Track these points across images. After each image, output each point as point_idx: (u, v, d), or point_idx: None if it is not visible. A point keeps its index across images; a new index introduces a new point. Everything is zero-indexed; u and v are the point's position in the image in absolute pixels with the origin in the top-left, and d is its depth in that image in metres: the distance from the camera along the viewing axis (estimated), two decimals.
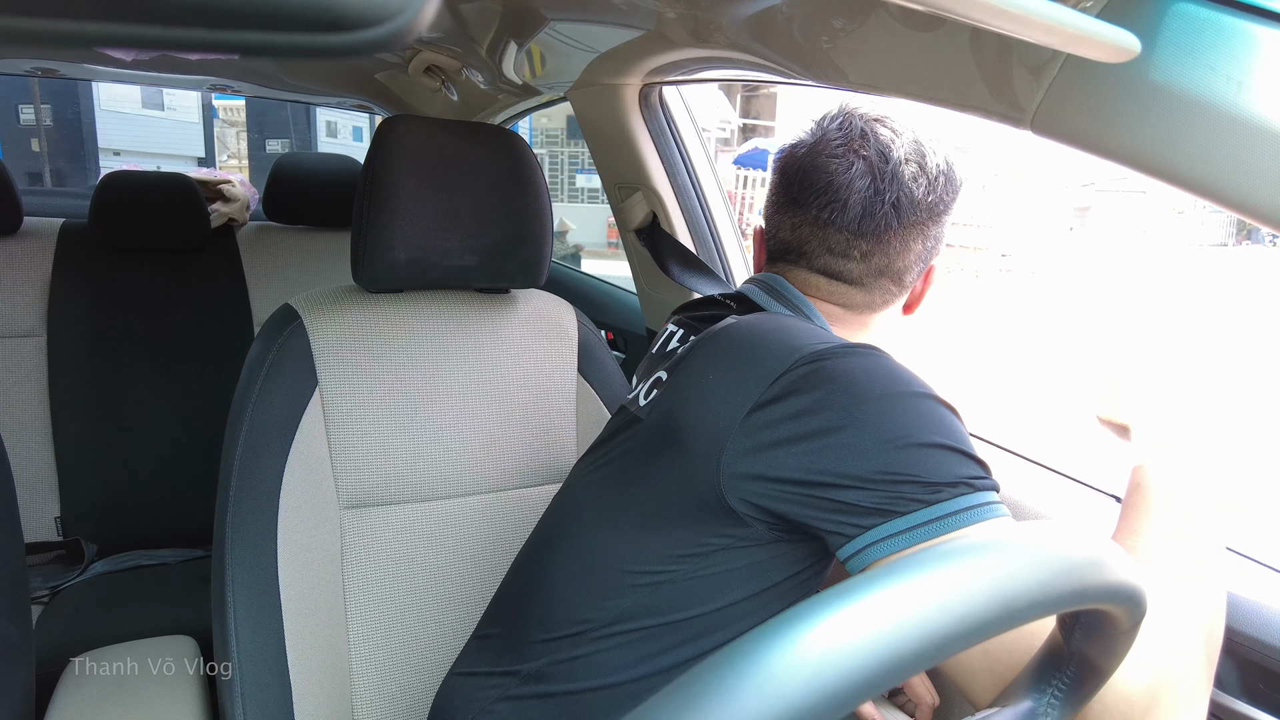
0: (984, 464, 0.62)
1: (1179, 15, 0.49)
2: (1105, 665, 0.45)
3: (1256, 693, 0.70)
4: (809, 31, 0.80)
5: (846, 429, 0.63)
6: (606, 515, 0.77)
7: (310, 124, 12.03)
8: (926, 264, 0.84)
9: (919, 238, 0.80)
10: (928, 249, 0.82)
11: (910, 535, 0.59)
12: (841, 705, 0.29)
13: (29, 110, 8.93)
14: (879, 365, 0.67)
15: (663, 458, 0.72)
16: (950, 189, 0.80)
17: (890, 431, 0.62)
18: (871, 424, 0.62)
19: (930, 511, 0.59)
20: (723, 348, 0.74)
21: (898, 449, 0.61)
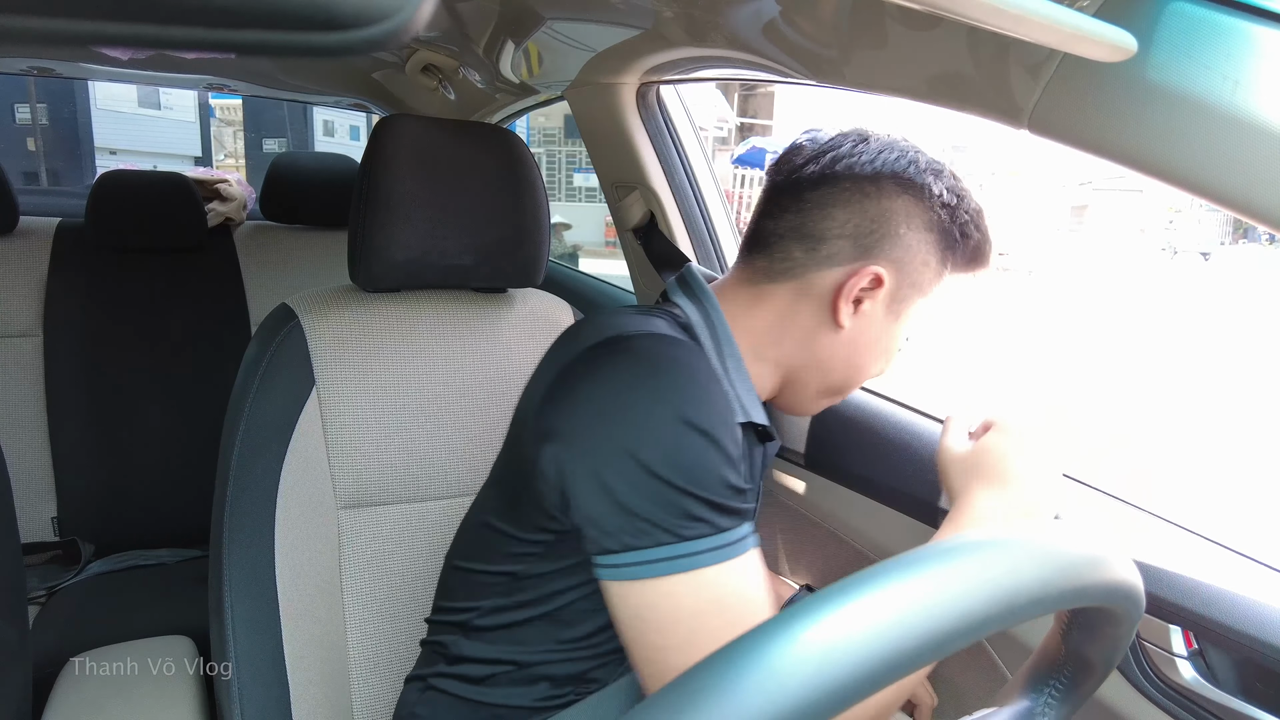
0: (715, 504, 0.62)
1: (1176, 14, 0.49)
2: (1102, 665, 0.45)
3: (1255, 692, 0.70)
4: (806, 30, 0.80)
5: (577, 441, 0.66)
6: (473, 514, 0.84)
7: (307, 123, 12.03)
8: (855, 256, 0.74)
9: (844, 206, 0.74)
10: (858, 230, 0.74)
11: (646, 569, 0.62)
12: (844, 701, 0.29)
13: (25, 109, 8.92)
14: (641, 367, 0.66)
15: (509, 456, 0.78)
16: (901, 177, 0.74)
17: (622, 453, 0.62)
18: (610, 440, 0.64)
19: (669, 550, 0.61)
20: (557, 341, 0.78)
21: (628, 476, 0.62)
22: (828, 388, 0.81)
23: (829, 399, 0.84)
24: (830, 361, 0.79)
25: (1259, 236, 24.13)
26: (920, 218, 0.74)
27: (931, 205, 0.75)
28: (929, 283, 0.77)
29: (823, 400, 0.84)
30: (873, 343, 0.78)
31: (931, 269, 0.76)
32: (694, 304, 0.79)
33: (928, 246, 0.75)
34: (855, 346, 0.78)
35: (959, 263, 0.78)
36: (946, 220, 0.75)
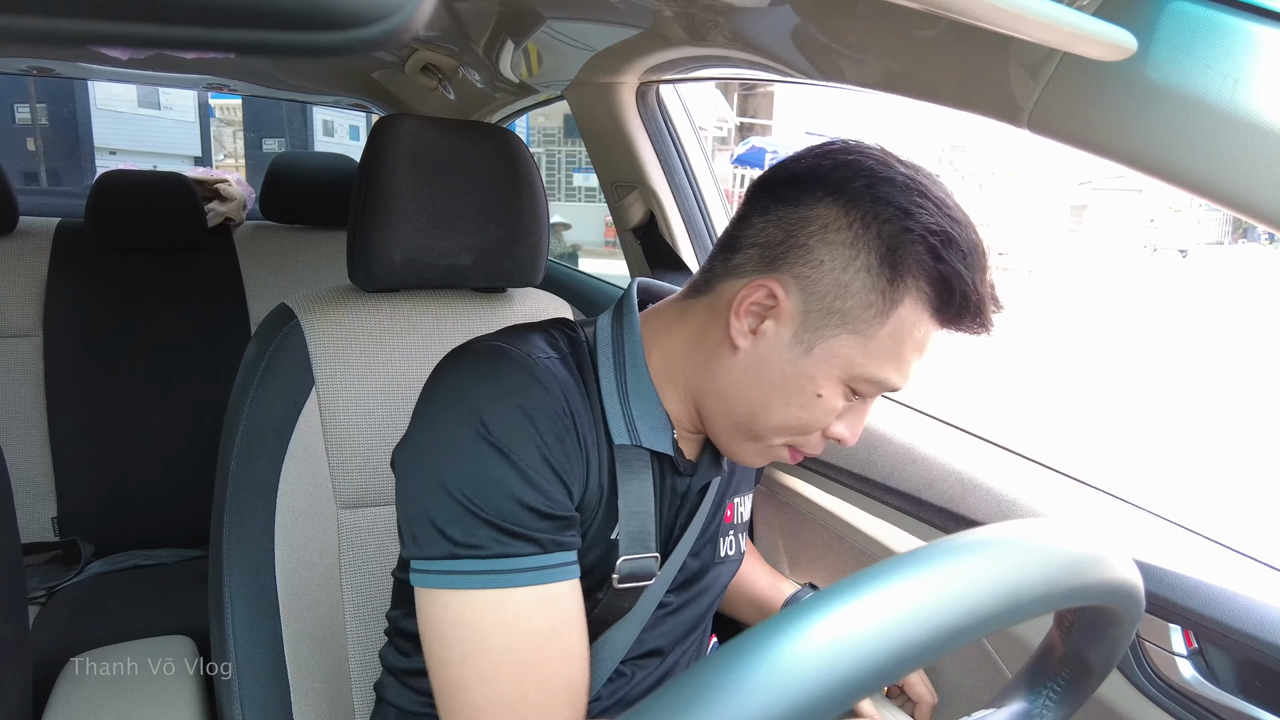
0: (498, 525, 0.61)
1: (1175, 13, 0.49)
2: (1102, 665, 0.45)
3: (1255, 691, 0.70)
4: (806, 29, 0.80)
5: (402, 444, 0.68)
6: None
7: (307, 123, 12.03)
8: (760, 268, 0.67)
9: (763, 212, 0.68)
10: (769, 239, 0.67)
11: (432, 578, 0.62)
12: (850, 697, 0.29)
13: (24, 109, 8.92)
14: (460, 376, 0.67)
15: None
16: (836, 185, 0.65)
17: (420, 459, 0.65)
18: (421, 445, 0.66)
19: (449, 564, 0.61)
20: None
21: (421, 480, 0.64)
22: (734, 424, 0.71)
23: (746, 441, 0.71)
24: (729, 390, 0.69)
25: (1258, 236, 24.13)
26: (842, 231, 0.64)
27: (865, 219, 0.63)
28: (864, 317, 0.64)
29: (739, 440, 0.72)
30: (776, 375, 0.67)
31: (862, 299, 0.63)
32: (614, 320, 0.75)
33: (853, 268, 0.63)
34: (754, 376, 0.68)
35: (925, 306, 0.64)
36: (890, 242, 0.63)
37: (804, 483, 1.14)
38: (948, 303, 0.63)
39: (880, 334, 0.64)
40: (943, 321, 0.65)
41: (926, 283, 0.63)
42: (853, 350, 0.65)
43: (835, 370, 0.65)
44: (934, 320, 0.65)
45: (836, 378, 0.66)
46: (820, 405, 0.66)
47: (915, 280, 0.63)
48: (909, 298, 0.63)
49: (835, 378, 0.66)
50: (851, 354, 0.65)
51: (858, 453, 1.06)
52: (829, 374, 0.66)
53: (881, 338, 0.64)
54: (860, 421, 0.70)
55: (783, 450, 0.71)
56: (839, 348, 0.65)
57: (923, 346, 0.66)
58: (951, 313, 0.64)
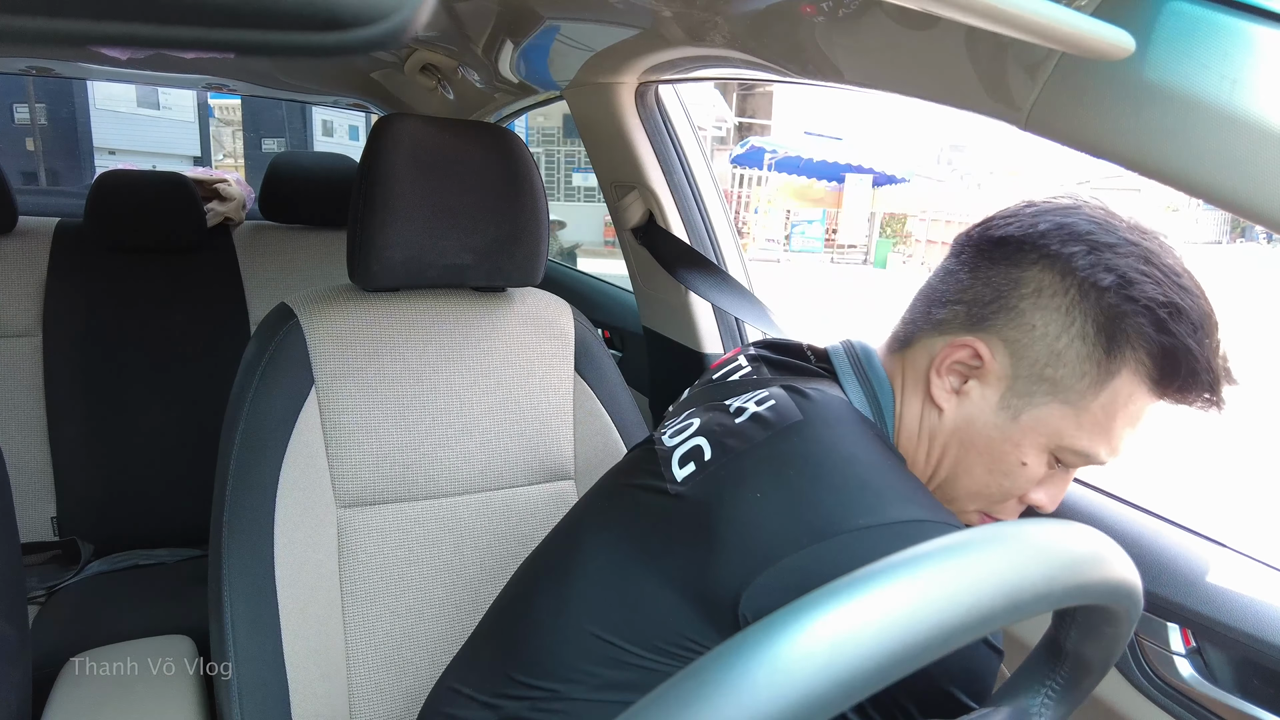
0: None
1: (1173, 13, 0.49)
2: (1100, 664, 0.45)
3: (1253, 690, 0.70)
4: (805, 30, 0.80)
5: None
6: (608, 576, 0.69)
7: (306, 123, 12.02)
8: (966, 327, 0.65)
9: (973, 270, 0.66)
10: (977, 297, 0.65)
11: None
12: (849, 696, 0.29)
13: (23, 109, 8.91)
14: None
15: (687, 548, 0.63)
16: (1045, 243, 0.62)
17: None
18: None
19: None
20: (778, 463, 0.63)
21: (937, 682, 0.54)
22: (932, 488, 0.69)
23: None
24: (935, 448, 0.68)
25: (1256, 235, 24.14)
26: (1058, 297, 0.62)
27: (1084, 286, 0.61)
28: (1077, 388, 0.61)
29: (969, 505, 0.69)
30: (982, 440, 0.65)
31: (1076, 369, 0.61)
32: (868, 398, 0.70)
33: (1067, 336, 0.61)
34: (957, 439, 0.66)
35: (1144, 380, 0.61)
36: (1111, 312, 0.60)
37: None
38: (1171, 377, 0.61)
39: (1093, 406, 0.62)
40: (1163, 394, 0.62)
41: (1148, 355, 0.60)
42: (1063, 421, 0.62)
43: (1042, 439, 0.63)
44: (1152, 393, 0.62)
45: (1043, 446, 0.64)
46: (1024, 474, 0.65)
47: (1135, 352, 0.60)
48: (1126, 369, 0.61)
49: (1041, 446, 0.64)
50: (1062, 425, 0.62)
51: None
52: (1035, 442, 0.64)
53: (1094, 409, 0.62)
54: (1062, 491, 0.67)
55: (974, 517, 0.69)
56: (1048, 417, 0.63)
57: (1137, 419, 0.63)
58: (1175, 387, 0.61)
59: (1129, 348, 0.60)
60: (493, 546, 1.03)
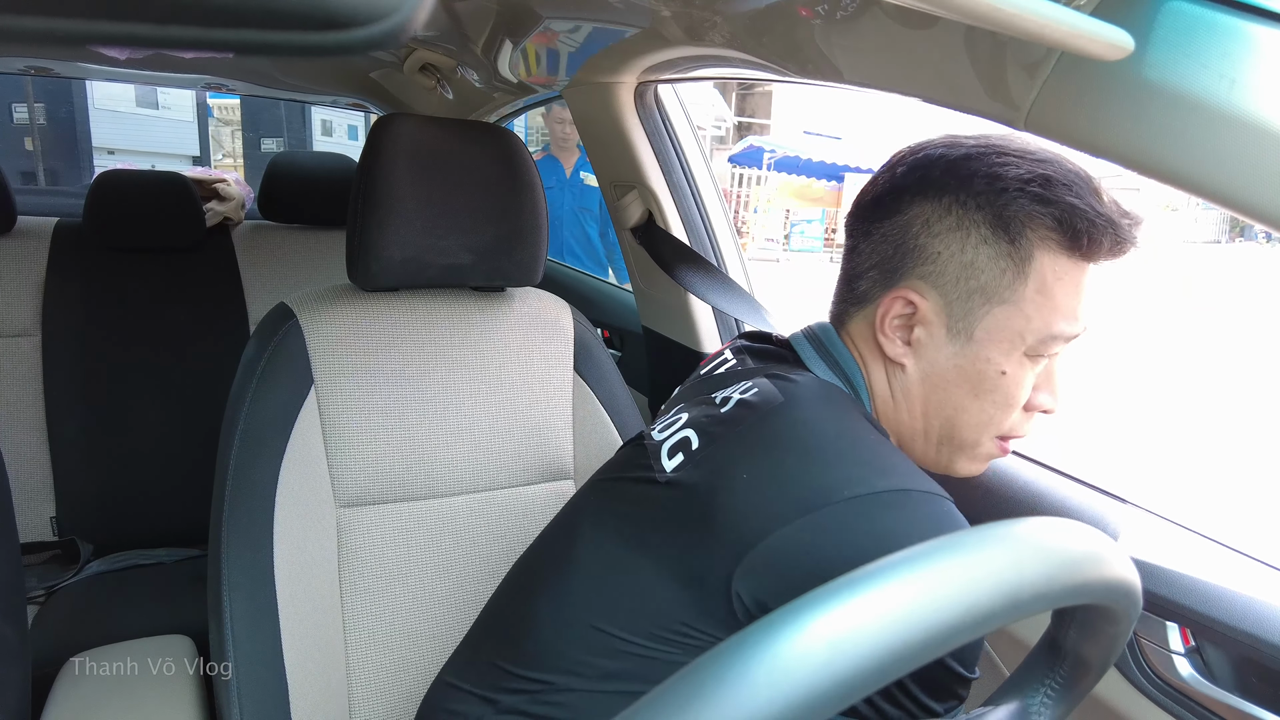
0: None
1: (1172, 13, 0.49)
2: (1099, 663, 0.45)
3: (1253, 689, 0.70)
4: (804, 29, 0.80)
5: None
6: (604, 568, 0.70)
7: (305, 122, 12.03)
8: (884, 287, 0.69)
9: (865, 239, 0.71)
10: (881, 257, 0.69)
11: None
12: (848, 695, 0.30)
13: (22, 109, 8.91)
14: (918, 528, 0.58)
15: (680, 534, 0.65)
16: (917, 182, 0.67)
17: None
18: None
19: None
20: (763, 444, 0.65)
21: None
22: (937, 442, 0.72)
23: (956, 453, 0.72)
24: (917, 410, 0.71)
25: (1255, 235, 24.15)
26: (945, 219, 0.66)
27: (959, 198, 0.65)
28: (1003, 284, 0.65)
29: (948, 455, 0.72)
30: (954, 374, 0.68)
31: (993, 269, 0.65)
32: (842, 380, 0.72)
33: (970, 245, 0.65)
34: (933, 385, 0.69)
35: (1059, 250, 0.64)
36: (993, 208, 0.64)
37: None
38: (1075, 238, 0.63)
39: (1027, 293, 0.64)
40: (1084, 256, 0.64)
41: (1046, 229, 0.63)
42: (1011, 319, 0.65)
43: (1005, 344, 0.66)
44: (1074, 259, 0.64)
45: (1010, 349, 0.66)
46: (1010, 383, 0.67)
47: (1035, 231, 0.64)
48: (1038, 250, 0.64)
49: (1008, 350, 0.66)
50: (1012, 322, 0.65)
51: None
52: (1000, 349, 0.66)
53: (1030, 295, 0.64)
54: (1055, 385, 0.70)
55: (993, 445, 0.70)
56: (996, 322, 0.66)
57: (1080, 288, 0.65)
58: (1086, 245, 0.63)
59: (1028, 229, 0.64)
60: (492, 546, 1.03)
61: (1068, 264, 0.64)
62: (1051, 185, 0.63)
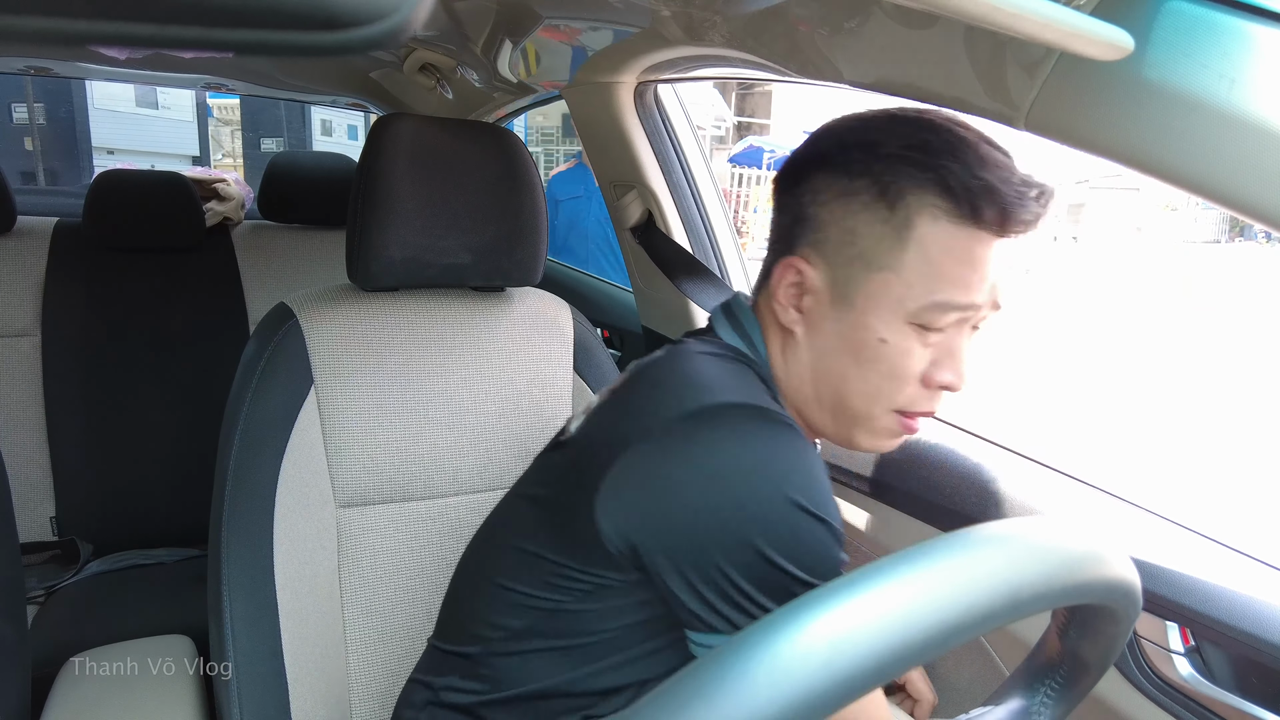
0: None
1: (1172, 13, 0.49)
2: (1099, 663, 0.45)
3: (1252, 688, 0.70)
4: (803, 29, 0.80)
5: (669, 528, 0.61)
6: (508, 531, 0.77)
7: (305, 122, 12.04)
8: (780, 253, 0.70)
9: (774, 215, 0.72)
10: (777, 228, 0.71)
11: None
12: (849, 694, 0.30)
13: (22, 109, 8.91)
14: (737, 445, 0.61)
15: (560, 483, 0.72)
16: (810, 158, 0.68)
17: (735, 531, 0.59)
18: (717, 514, 0.60)
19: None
20: (629, 389, 0.71)
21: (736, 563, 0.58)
22: (832, 413, 0.71)
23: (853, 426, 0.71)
24: (809, 379, 0.71)
25: (1255, 234, 24.14)
26: (831, 188, 0.66)
27: (844, 165, 0.65)
28: (882, 249, 0.64)
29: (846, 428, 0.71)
30: (837, 342, 0.67)
31: (871, 235, 0.64)
32: (746, 344, 0.74)
33: (851, 212, 0.65)
34: (820, 353, 0.69)
35: (944, 217, 0.62)
36: (874, 174, 0.64)
37: None
38: (961, 204, 0.62)
39: (907, 259, 0.63)
40: (973, 223, 0.62)
41: (931, 195, 0.62)
42: (890, 285, 0.64)
43: (885, 311, 0.65)
44: (963, 226, 0.62)
45: (891, 318, 0.65)
46: (891, 352, 0.65)
47: (917, 198, 0.63)
48: (919, 216, 0.63)
49: (889, 319, 0.65)
50: (890, 289, 0.64)
51: (856, 451, 1.06)
52: (880, 317, 0.65)
53: (910, 262, 0.63)
54: (956, 360, 0.66)
55: (892, 420, 0.68)
56: (875, 289, 0.65)
57: (974, 258, 0.63)
58: (970, 212, 0.62)
59: (908, 195, 0.63)
60: None
61: (954, 231, 0.62)
62: (930, 150, 0.63)
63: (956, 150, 0.62)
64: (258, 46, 0.19)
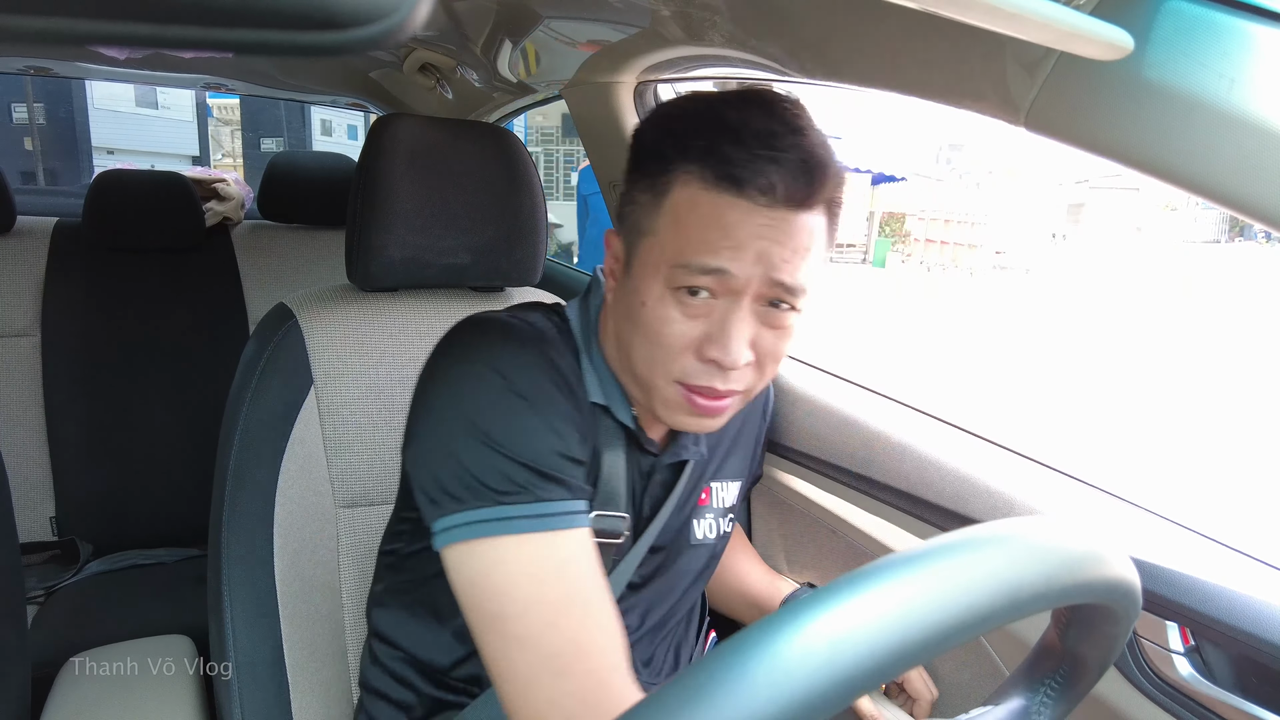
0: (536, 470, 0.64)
1: (1171, 13, 0.49)
2: (1099, 663, 0.45)
3: (1252, 688, 0.70)
4: (803, 29, 0.80)
5: (412, 412, 0.71)
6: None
7: (305, 122, 12.03)
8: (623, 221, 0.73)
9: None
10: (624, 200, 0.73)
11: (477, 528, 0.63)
12: (848, 695, 0.30)
13: (22, 109, 8.91)
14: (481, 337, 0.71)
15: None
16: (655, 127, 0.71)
17: (442, 418, 0.67)
18: (444, 403, 0.68)
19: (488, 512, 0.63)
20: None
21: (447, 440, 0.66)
22: (633, 380, 0.73)
23: (647, 393, 0.72)
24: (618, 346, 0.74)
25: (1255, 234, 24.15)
26: (633, 165, 0.71)
27: (644, 143, 0.71)
28: (647, 215, 0.68)
29: (645, 394, 0.72)
30: (624, 309, 0.71)
31: (642, 203, 0.68)
32: (581, 305, 0.80)
33: (634, 184, 0.70)
34: (618, 322, 0.73)
35: (698, 181, 0.64)
36: (644, 146, 0.70)
37: (802, 481, 1.14)
38: (705, 168, 0.64)
39: (661, 222, 0.66)
40: (716, 187, 0.64)
41: (685, 163, 0.65)
42: (651, 249, 0.67)
43: (649, 275, 0.67)
44: (708, 191, 0.64)
45: (653, 282, 0.67)
46: (650, 315, 0.67)
47: (677, 165, 0.65)
48: (676, 183, 0.66)
49: (651, 283, 0.67)
50: (651, 254, 0.67)
51: (855, 451, 1.06)
52: (646, 281, 0.67)
53: (665, 225, 0.66)
54: (725, 335, 0.65)
55: (675, 391, 0.69)
56: (643, 254, 0.68)
57: (722, 222, 0.64)
58: (714, 176, 0.64)
59: (672, 165, 0.66)
60: None
61: (702, 196, 0.64)
62: (674, 120, 0.68)
63: (719, 121, 0.65)
64: (257, 46, 0.19)
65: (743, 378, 0.68)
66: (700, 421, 0.71)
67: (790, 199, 0.63)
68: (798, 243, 0.65)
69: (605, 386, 0.75)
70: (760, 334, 0.67)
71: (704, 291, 0.65)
